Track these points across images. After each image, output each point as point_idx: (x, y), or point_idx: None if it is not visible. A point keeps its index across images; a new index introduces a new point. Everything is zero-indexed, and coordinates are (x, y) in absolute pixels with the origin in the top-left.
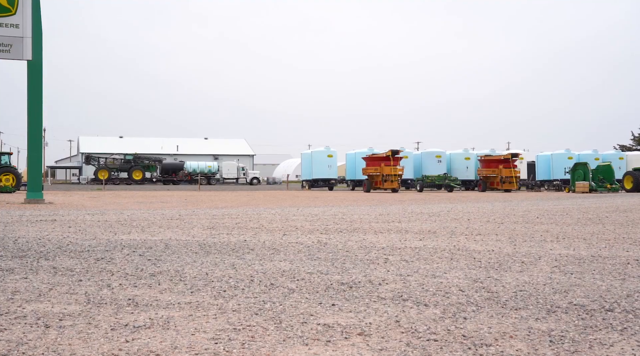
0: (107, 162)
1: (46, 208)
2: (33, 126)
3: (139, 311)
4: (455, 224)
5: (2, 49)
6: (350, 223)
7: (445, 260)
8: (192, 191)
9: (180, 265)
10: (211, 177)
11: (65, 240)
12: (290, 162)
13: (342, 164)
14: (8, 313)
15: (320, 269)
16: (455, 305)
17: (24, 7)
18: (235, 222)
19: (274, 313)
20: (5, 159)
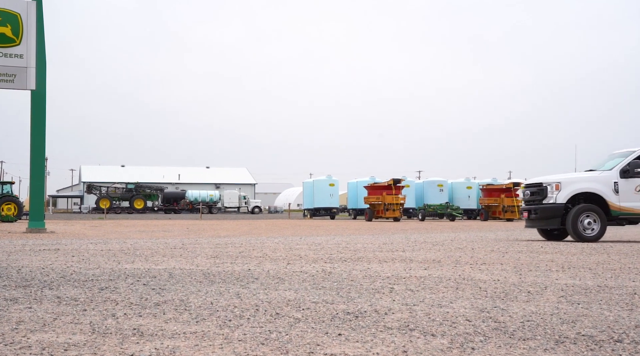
0: (108, 191)
1: (48, 237)
2: (36, 156)
3: (144, 341)
4: (459, 253)
5: (6, 79)
6: (354, 252)
7: (450, 290)
8: (194, 220)
9: (185, 294)
10: (213, 206)
11: (69, 269)
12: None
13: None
14: (13, 343)
15: (325, 298)
16: (462, 335)
17: (29, 37)
18: (238, 251)
19: (280, 342)
20: (7, 188)
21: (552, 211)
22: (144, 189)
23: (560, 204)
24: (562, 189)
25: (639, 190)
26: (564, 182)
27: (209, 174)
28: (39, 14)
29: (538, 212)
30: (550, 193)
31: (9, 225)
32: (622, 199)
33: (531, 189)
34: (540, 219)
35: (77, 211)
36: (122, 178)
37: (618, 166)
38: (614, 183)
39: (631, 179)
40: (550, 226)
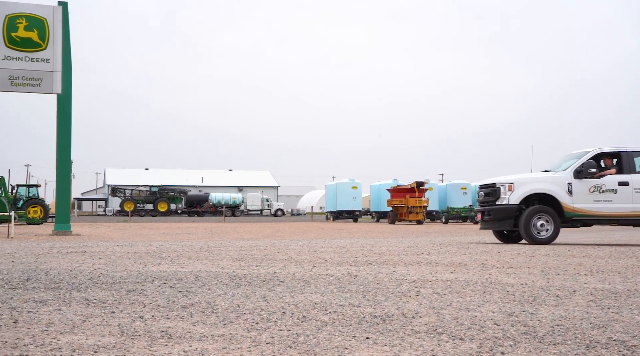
0: (132, 194)
1: (74, 239)
2: (62, 159)
3: (172, 344)
4: (485, 256)
5: (33, 83)
6: (379, 255)
7: (478, 293)
8: (217, 222)
9: (212, 297)
10: (235, 208)
11: (97, 272)
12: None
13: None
14: (43, 345)
15: (352, 301)
16: (491, 339)
17: (55, 42)
18: (263, 254)
19: (308, 346)
20: (34, 191)
21: (505, 212)
22: (167, 192)
23: (513, 205)
24: (515, 190)
25: (592, 191)
26: (517, 182)
27: (232, 177)
28: (64, 18)
29: (491, 213)
30: (503, 193)
31: (35, 227)
32: (576, 201)
33: (485, 190)
34: (493, 221)
35: (102, 213)
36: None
37: (572, 166)
38: (568, 183)
39: (585, 180)
40: (503, 227)
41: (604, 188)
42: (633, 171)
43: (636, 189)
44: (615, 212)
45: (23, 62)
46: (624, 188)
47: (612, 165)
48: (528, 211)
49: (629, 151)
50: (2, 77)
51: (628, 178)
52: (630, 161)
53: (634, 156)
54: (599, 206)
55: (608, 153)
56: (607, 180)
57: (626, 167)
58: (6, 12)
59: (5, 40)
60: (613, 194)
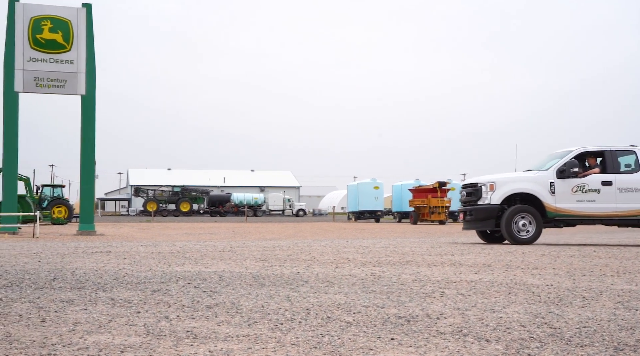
0: (155, 194)
1: (99, 239)
2: (86, 160)
3: (198, 344)
4: (509, 257)
5: (57, 85)
6: (402, 256)
7: (503, 294)
8: (239, 222)
9: (236, 297)
10: (257, 208)
11: (122, 272)
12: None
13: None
14: (71, 344)
15: (376, 302)
16: (517, 341)
17: (79, 43)
18: (286, 254)
19: (333, 346)
20: (58, 191)
21: (487, 212)
22: (190, 192)
23: (495, 205)
24: (497, 190)
25: (575, 191)
26: (499, 182)
27: (254, 178)
28: (88, 20)
29: (473, 213)
30: (485, 193)
31: (60, 227)
32: (559, 200)
33: (467, 189)
34: (475, 221)
35: (125, 213)
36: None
37: (555, 166)
38: (550, 183)
39: (568, 179)
40: (485, 227)
41: (587, 187)
42: (617, 170)
43: (620, 189)
44: (599, 212)
45: (48, 63)
46: (608, 188)
47: (596, 164)
48: (509, 210)
49: (612, 150)
50: (27, 78)
51: (612, 178)
52: (614, 161)
53: (618, 155)
54: (582, 206)
55: (592, 152)
56: (590, 180)
57: (610, 166)
58: (31, 14)
59: (30, 42)
60: (596, 194)
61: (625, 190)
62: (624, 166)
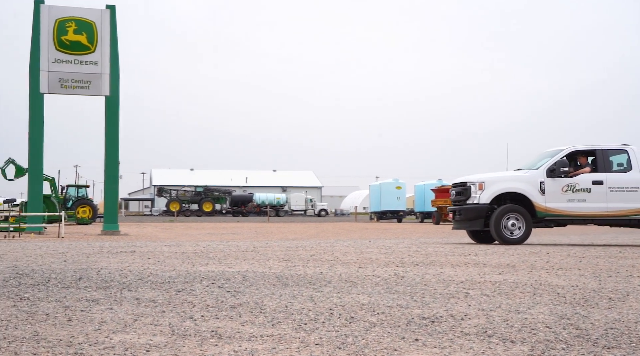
0: (178, 194)
1: (123, 239)
2: (110, 160)
3: (222, 344)
4: (534, 257)
5: (82, 86)
6: (425, 256)
7: (527, 295)
8: (262, 222)
9: (259, 297)
10: (280, 209)
11: (146, 271)
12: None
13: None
14: (97, 343)
15: (399, 302)
16: (543, 342)
17: (103, 44)
18: (309, 254)
19: (357, 347)
20: (83, 191)
21: (476, 212)
22: (212, 192)
23: (484, 205)
24: (486, 189)
25: (566, 190)
26: (488, 181)
27: (276, 178)
28: (112, 22)
29: (462, 213)
30: (474, 193)
31: (84, 227)
32: (549, 200)
33: (456, 188)
34: (464, 221)
35: (148, 213)
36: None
37: (545, 165)
38: (540, 182)
39: (558, 179)
40: (474, 227)
41: (578, 187)
42: (608, 169)
43: (611, 189)
44: (589, 212)
45: (72, 65)
46: (598, 187)
47: (587, 164)
48: (498, 210)
49: (604, 149)
50: (52, 80)
51: (602, 177)
52: (606, 160)
53: (609, 154)
54: (573, 205)
55: (583, 151)
56: (581, 179)
57: (601, 166)
58: (56, 16)
59: (55, 44)
60: (587, 193)
61: (616, 190)
62: (616, 165)
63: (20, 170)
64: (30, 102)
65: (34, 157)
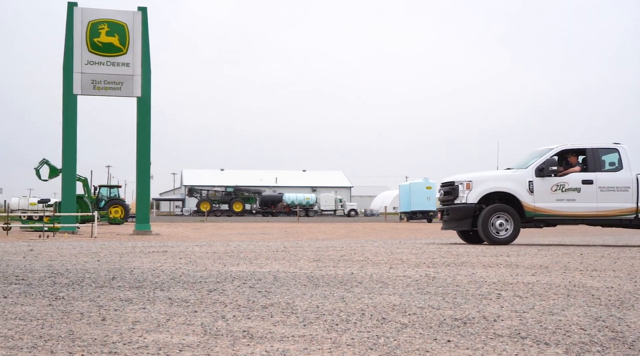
0: (209, 194)
1: (155, 239)
2: (141, 160)
3: (254, 344)
4: (567, 258)
5: (114, 87)
6: (456, 257)
7: (561, 297)
8: (291, 222)
9: (291, 298)
10: (309, 209)
11: (178, 271)
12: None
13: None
14: (131, 343)
15: (431, 303)
16: (577, 345)
17: (134, 46)
18: (340, 254)
19: (389, 348)
20: (115, 192)
21: (464, 212)
22: (242, 192)
23: (471, 204)
24: (473, 189)
25: (555, 190)
26: (475, 181)
27: (306, 178)
28: (144, 23)
29: (450, 213)
30: (462, 192)
31: (116, 227)
32: (537, 200)
33: (445, 188)
34: (452, 220)
35: (179, 213)
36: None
37: (534, 164)
38: (529, 182)
39: (547, 178)
40: (462, 227)
41: (567, 186)
42: (599, 169)
43: (601, 188)
44: (579, 212)
45: (105, 66)
46: (588, 187)
47: (577, 163)
48: (486, 210)
49: (594, 148)
50: (85, 81)
51: (592, 176)
52: (596, 159)
53: (600, 153)
54: (562, 205)
55: (573, 150)
56: (570, 178)
57: (591, 165)
58: (89, 18)
59: (88, 46)
60: (576, 193)
61: (606, 189)
62: (607, 165)
63: (54, 170)
64: (64, 103)
65: (67, 158)
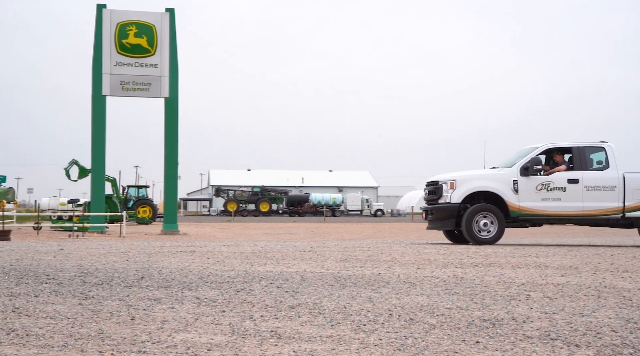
0: (235, 194)
1: (182, 239)
2: (169, 161)
3: (282, 344)
4: (597, 259)
5: (142, 88)
6: (484, 257)
7: (592, 298)
8: (318, 222)
9: (318, 298)
10: (336, 209)
11: (206, 271)
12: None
13: None
14: (160, 342)
15: (459, 304)
16: (609, 347)
17: (162, 47)
18: (367, 255)
19: (417, 349)
20: (143, 192)
21: (447, 212)
22: (269, 192)
23: (455, 204)
24: (457, 188)
25: (540, 189)
26: (459, 180)
27: (332, 178)
28: (171, 25)
29: (434, 212)
30: (446, 192)
31: (144, 227)
32: (522, 199)
33: (429, 187)
34: (436, 220)
35: (206, 213)
36: (248, 181)
37: (519, 163)
38: (514, 181)
39: (532, 177)
40: (446, 227)
41: (552, 185)
42: (585, 167)
43: (587, 187)
44: (565, 211)
45: (133, 67)
46: (574, 186)
47: (563, 161)
48: (470, 210)
49: (580, 147)
50: (114, 82)
51: (578, 175)
52: (582, 157)
53: (586, 151)
54: (547, 205)
55: (559, 149)
56: (556, 177)
57: (577, 163)
58: (117, 19)
59: (117, 47)
60: (562, 192)
61: (592, 188)
62: (594, 163)
63: (84, 171)
64: (93, 104)
65: (96, 158)
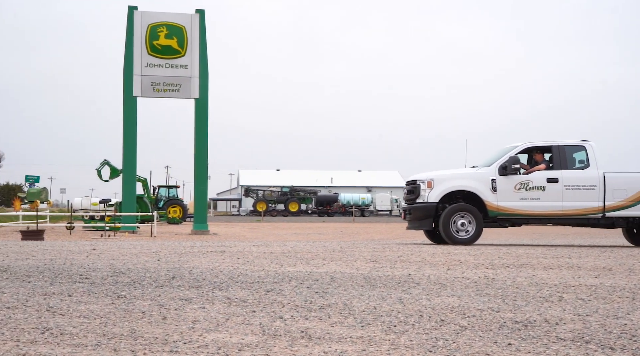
0: (265, 194)
1: (212, 239)
2: (199, 161)
3: (312, 345)
4: (632, 260)
5: (173, 89)
6: (516, 258)
7: (626, 300)
8: (347, 222)
9: (348, 298)
10: (365, 209)
11: (236, 271)
12: None
13: None
14: (191, 342)
15: (490, 305)
16: None
17: (192, 48)
18: (397, 255)
19: (448, 350)
20: (173, 192)
21: (425, 211)
22: (298, 192)
23: (432, 204)
24: (435, 187)
25: (519, 188)
26: (437, 179)
27: (361, 178)
28: (201, 26)
29: (412, 212)
30: (423, 191)
31: (175, 227)
32: (501, 199)
33: (408, 187)
34: (414, 220)
35: (236, 213)
36: (277, 181)
37: (497, 162)
38: (492, 180)
39: (510, 176)
40: (424, 227)
41: (531, 185)
42: (565, 167)
43: (567, 187)
44: (544, 211)
45: (164, 68)
46: (553, 185)
47: (543, 160)
48: (447, 209)
49: (560, 145)
50: (145, 83)
51: (558, 175)
52: (562, 156)
53: (566, 151)
54: (526, 204)
55: (539, 148)
56: (535, 177)
57: (557, 162)
58: (148, 21)
59: (147, 49)
60: (541, 191)
61: (572, 188)
62: (575, 162)
63: (115, 171)
64: (124, 105)
65: (127, 159)
